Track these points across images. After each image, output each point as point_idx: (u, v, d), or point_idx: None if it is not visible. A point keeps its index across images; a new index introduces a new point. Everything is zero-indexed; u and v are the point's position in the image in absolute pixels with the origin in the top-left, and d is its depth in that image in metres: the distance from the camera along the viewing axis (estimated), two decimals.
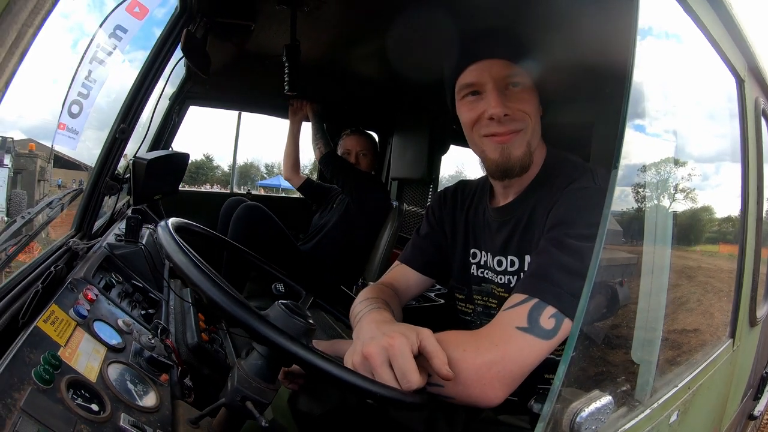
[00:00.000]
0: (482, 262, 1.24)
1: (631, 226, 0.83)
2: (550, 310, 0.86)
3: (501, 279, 1.18)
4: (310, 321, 0.84)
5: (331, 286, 2.84)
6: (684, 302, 1.15)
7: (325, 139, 3.00)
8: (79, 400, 0.72)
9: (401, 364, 0.76)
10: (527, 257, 1.11)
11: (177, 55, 1.77)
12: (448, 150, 3.41)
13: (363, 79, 2.76)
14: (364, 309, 1.05)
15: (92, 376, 0.80)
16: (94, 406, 0.73)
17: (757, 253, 1.54)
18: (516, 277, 1.14)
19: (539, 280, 0.91)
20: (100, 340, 0.92)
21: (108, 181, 1.54)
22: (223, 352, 1.37)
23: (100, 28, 1.74)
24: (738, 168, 1.40)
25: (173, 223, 0.93)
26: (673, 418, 1.00)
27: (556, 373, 0.63)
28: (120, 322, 1.05)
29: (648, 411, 0.86)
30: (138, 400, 0.83)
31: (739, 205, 1.43)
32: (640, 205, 0.87)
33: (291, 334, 0.72)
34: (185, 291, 1.53)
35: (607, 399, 0.68)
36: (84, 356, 0.84)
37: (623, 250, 0.82)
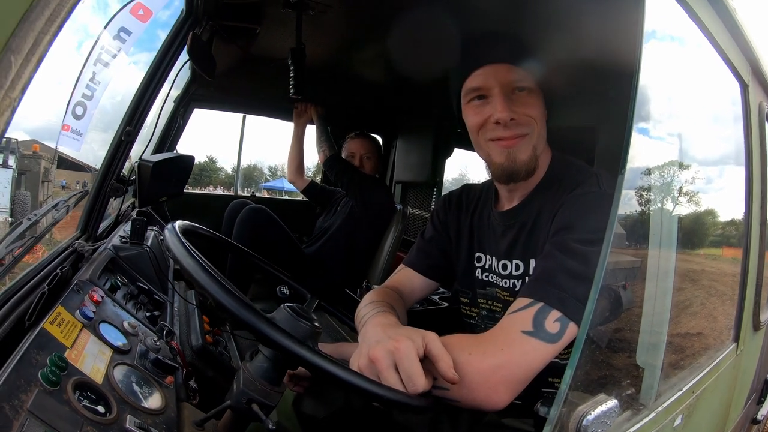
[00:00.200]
0: (487, 266, 1.24)
1: (635, 229, 0.84)
2: (555, 314, 0.86)
3: (506, 283, 1.17)
4: (316, 324, 0.84)
5: (335, 289, 2.84)
6: (687, 306, 1.15)
7: (330, 142, 2.99)
8: (86, 402, 0.72)
9: (407, 367, 0.77)
10: (532, 261, 1.10)
11: (182, 58, 1.78)
12: (453, 153, 3.40)
13: (367, 83, 2.76)
14: (370, 312, 1.05)
15: (98, 378, 0.80)
16: (101, 408, 0.73)
17: (760, 257, 1.54)
18: (521, 281, 1.14)
19: (544, 284, 0.91)
20: (105, 342, 0.93)
21: (113, 183, 1.54)
22: (227, 355, 1.37)
23: (104, 30, 1.75)
24: (742, 172, 1.40)
25: (180, 225, 0.93)
26: (678, 422, 1.00)
27: (563, 376, 0.63)
28: (125, 324, 1.05)
29: (653, 415, 0.87)
30: (143, 401, 0.83)
31: (743, 209, 1.43)
32: (644, 208, 0.87)
33: (297, 337, 0.72)
34: (190, 293, 1.54)
35: (612, 402, 0.68)
36: (90, 358, 0.84)
37: (627, 254, 0.82)
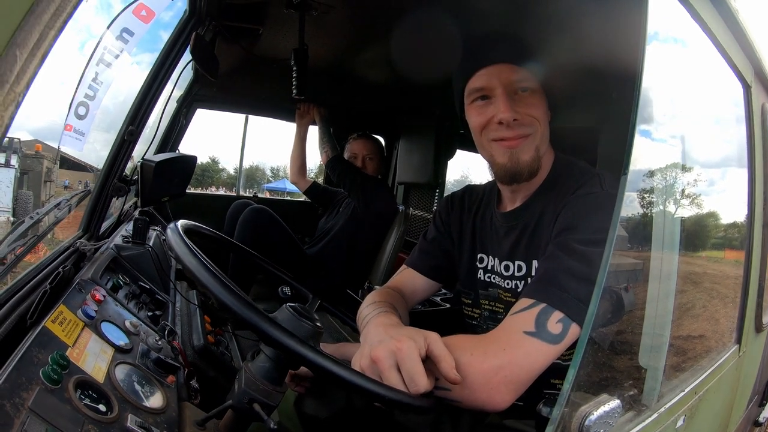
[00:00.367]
0: (489, 267, 1.24)
1: (637, 231, 0.83)
2: (558, 315, 0.86)
3: (508, 284, 1.17)
4: (318, 324, 0.84)
5: (336, 289, 2.84)
6: (689, 308, 1.15)
7: (332, 143, 2.99)
8: (87, 401, 0.72)
9: (409, 367, 0.76)
10: (534, 262, 1.10)
11: (185, 58, 1.78)
12: (455, 154, 3.40)
13: (370, 83, 2.77)
14: (372, 312, 1.05)
15: (100, 377, 0.80)
16: (102, 407, 0.73)
17: (763, 259, 1.53)
18: (523, 282, 1.13)
19: (547, 285, 0.91)
20: (107, 341, 0.93)
21: (116, 182, 1.55)
22: (228, 355, 1.37)
23: (107, 31, 1.75)
24: (744, 173, 1.40)
25: (183, 225, 0.93)
26: (680, 423, 1.00)
27: (566, 377, 0.63)
28: (127, 323, 1.05)
29: (655, 415, 0.87)
30: (145, 401, 0.83)
31: (746, 211, 1.43)
32: (647, 210, 0.87)
33: (299, 336, 0.72)
34: (191, 293, 1.54)
35: (615, 403, 0.68)
36: (92, 357, 0.84)
37: (629, 256, 0.82)
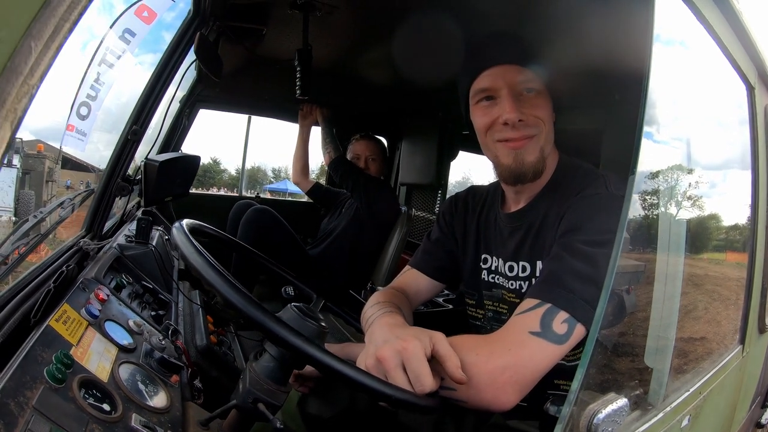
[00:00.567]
0: (493, 268, 1.24)
1: (640, 233, 0.83)
2: (563, 315, 0.86)
3: (512, 284, 1.17)
4: (323, 324, 0.84)
5: (339, 290, 2.84)
6: (691, 310, 1.15)
7: (335, 144, 2.99)
8: (91, 400, 0.72)
9: (415, 367, 0.76)
10: (539, 263, 1.10)
11: (188, 58, 1.79)
12: (458, 156, 3.41)
13: (373, 84, 2.77)
14: (376, 312, 1.05)
15: (104, 376, 0.80)
16: (106, 406, 0.73)
17: (766, 260, 1.53)
18: (527, 283, 1.13)
19: (552, 286, 0.90)
20: (111, 340, 0.93)
21: (119, 182, 1.55)
22: (231, 355, 1.37)
23: (110, 30, 1.75)
24: (748, 175, 1.40)
25: (188, 224, 0.93)
26: (685, 423, 1.00)
27: (575, 375, 0.63)
28: (131, 323, 1.05)
29: (661, 414, 0.87)
30: (149, 400, 0.83)
31: (749, 213, 1.43)
32: (651, 212, 0.87)
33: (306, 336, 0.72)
34: (194, 293, 1.54)
35: (622, 401, 0.69)
36: (95, 356, 0.84)
37: (631, 258, 0.82)
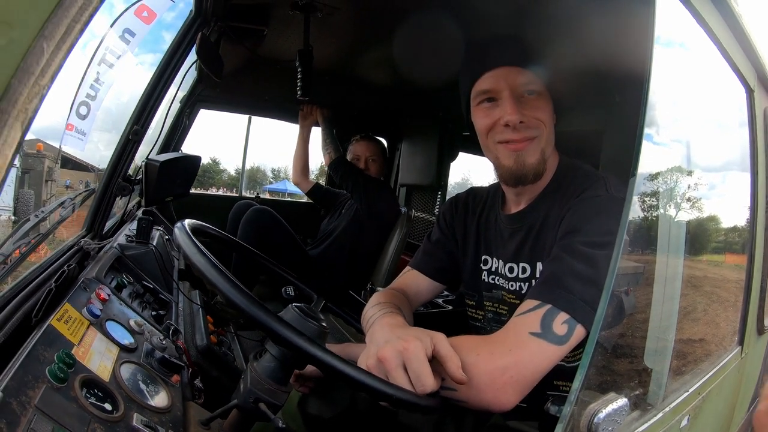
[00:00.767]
0: (493, 269, 1.24)
1: (640, 235, 0.84)
2: (563, 316, 0.86)
3: (512, 286, 1.17)
4: (324, 324, 0.84)
5: (339, 291, 2.84)
6: (690, 311, 1.15)
7: (335, 145, 2.99)
8: (93, 399, 0.72)
9: (416, 367, 0.77)
10: (539, 264, 1.10)
11: (189, 58, 1.79)
12: (458, 157, 3.42)
13: (374, 85, 2.77)
14: (377, 313, 1.05)
15: (105, 376, 0.80)
16: (108, 406, 0.73)
17: (765, 262, 1.54)
18: (527, 284, 1.14)
19: (552, 287, 0.91)
20: (112, 340, 0.93)
21: (120, 182, 1.55)
22: (231, 355, 1.37)
23: (110, 30, 1.76)
24: (747, 177, 1.40)
25: (189, 224, 0.93)
26: (684, 423, 1.00)
27: (576, 376, 0.63)
28: (132, 323, 1.05)
29: (660, 414, 0.87)
30: (150, 400, 0.83)
31: (748, 215, 1.43)
32: (650, 214, 0.87)
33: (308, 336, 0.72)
34: (194, 293, 1.54)
35: (622, 401, 0.69)
36: (97, 355, 0.84)
37: (630, 260, 0.82)
